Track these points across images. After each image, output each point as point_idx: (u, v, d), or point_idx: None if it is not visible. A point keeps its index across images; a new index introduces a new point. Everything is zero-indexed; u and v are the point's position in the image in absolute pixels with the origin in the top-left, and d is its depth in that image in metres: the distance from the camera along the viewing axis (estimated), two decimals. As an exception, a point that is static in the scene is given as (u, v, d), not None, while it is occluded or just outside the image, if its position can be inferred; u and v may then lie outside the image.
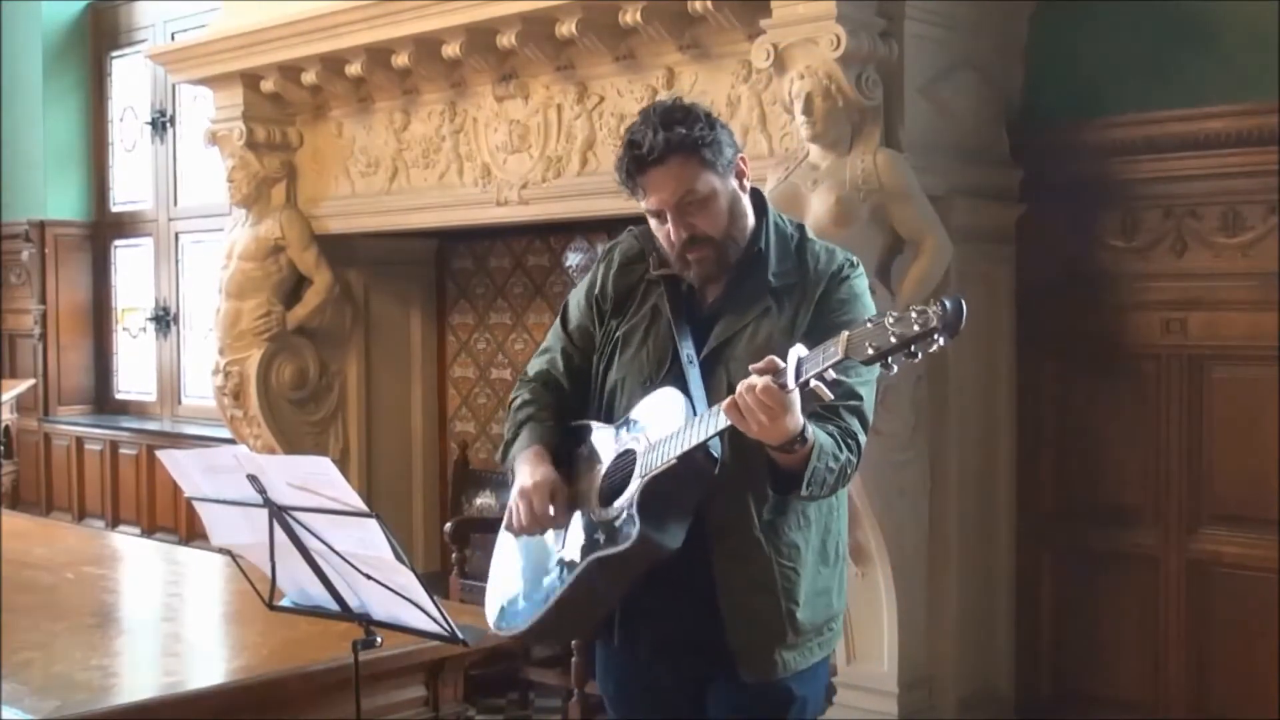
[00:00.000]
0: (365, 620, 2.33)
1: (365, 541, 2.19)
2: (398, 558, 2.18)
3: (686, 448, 2.15)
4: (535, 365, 2.52)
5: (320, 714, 2.67)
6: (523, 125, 5.00)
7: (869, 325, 1.94)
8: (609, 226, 4.89)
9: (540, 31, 4.66)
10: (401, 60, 5.07)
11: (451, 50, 4.88)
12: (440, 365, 6.28)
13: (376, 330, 6.18)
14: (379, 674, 2.71)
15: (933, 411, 4.10)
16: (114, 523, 7.60)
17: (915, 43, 4.04)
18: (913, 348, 1.90)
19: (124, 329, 8.31)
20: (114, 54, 8.25)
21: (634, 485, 2.20)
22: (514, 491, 2.33)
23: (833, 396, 2.06)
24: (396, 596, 2.23)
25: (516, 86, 5.00)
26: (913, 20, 4.02)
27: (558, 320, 2.53)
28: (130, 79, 8.13)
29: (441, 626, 2.25)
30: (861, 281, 2.35)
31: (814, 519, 2.32)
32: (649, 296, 2.41)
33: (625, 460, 2.27)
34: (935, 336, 1.88)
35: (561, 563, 2.30)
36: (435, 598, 2.23)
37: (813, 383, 2.00)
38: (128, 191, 8.21)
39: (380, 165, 5.54)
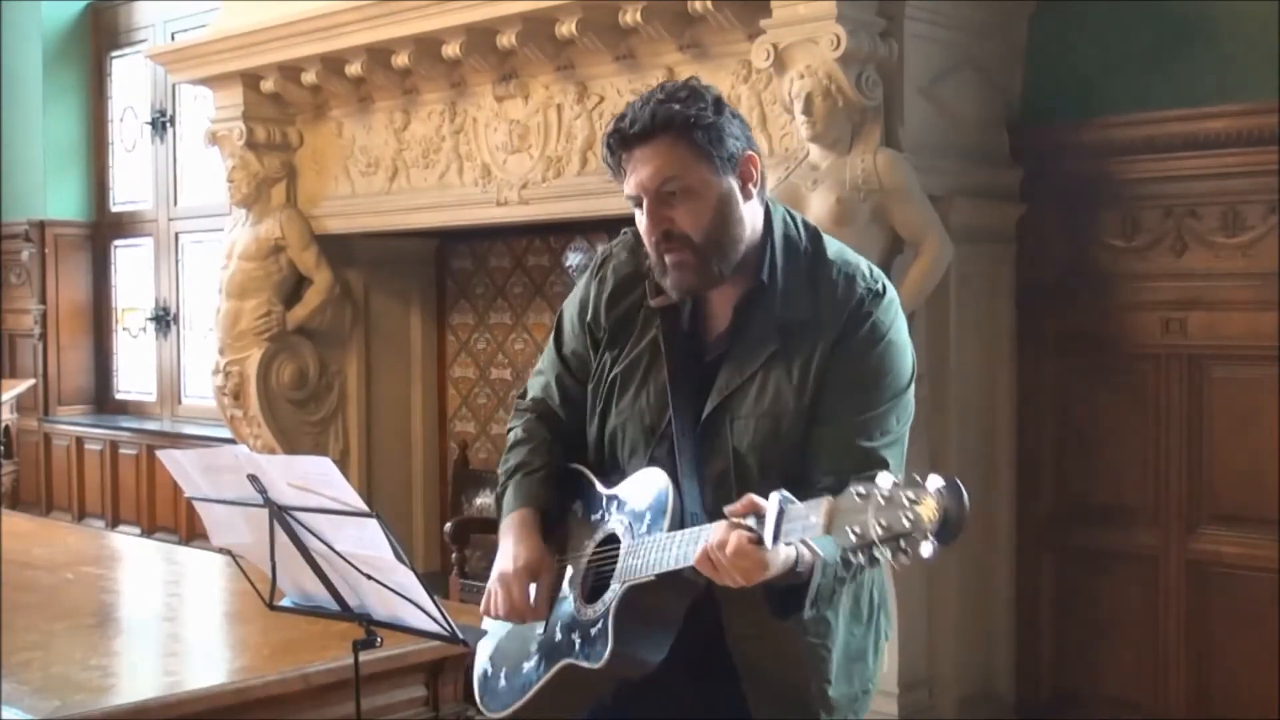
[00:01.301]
0: (365, 620, 2.32)
1: (365, 541, 2.19)
2: (398, 557, 2.17)
3: (664, 569, 1.90)
4: (533, 387, 2.31)
5: (320, 714, 2.67)
6: (523, 125, 5.00)
7: (857, 496, 1.63)
8: (609, 226, 4.88)
9: (540, 31, 4.66)
10: (401, 60, 5.07)
11: (451, 50, 4.88)
12: (440, 365, 6.28)
13: (376, 330, 6.17)
14: (379, 674, 2.70)
15: (933, 411, 4.10)
16: (114, 523, 7.60)
17: (915, 43, 4.04)
18: (901, 544, 1.59)
19: (124, 329, 8.31)
20: (114, 54, 8.25)
21: (612, 591, 2.00)
22: (494, 572, 2.14)
23: (833, 555, 1.77)
24: (397, 596, 2.22)
25: (516, 86, 5.00)
26: (913, 20, 4.03)
27: (552, 339, 2.29)
28: (130, 79, 8.12)
29: (441, 626, 2.24)
30: (888, 314, 2.01)
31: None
32: (648, 327, 2.10)
33: (611, 548, 2.06)
34: (927, 538, 1.58)
35: (540, 649, 2.14)
36: (435, 598, 2.22)
37: (796, 546, 1.74)
38: (128, 191, 8.21)
39: (380, 165, 5.54)
